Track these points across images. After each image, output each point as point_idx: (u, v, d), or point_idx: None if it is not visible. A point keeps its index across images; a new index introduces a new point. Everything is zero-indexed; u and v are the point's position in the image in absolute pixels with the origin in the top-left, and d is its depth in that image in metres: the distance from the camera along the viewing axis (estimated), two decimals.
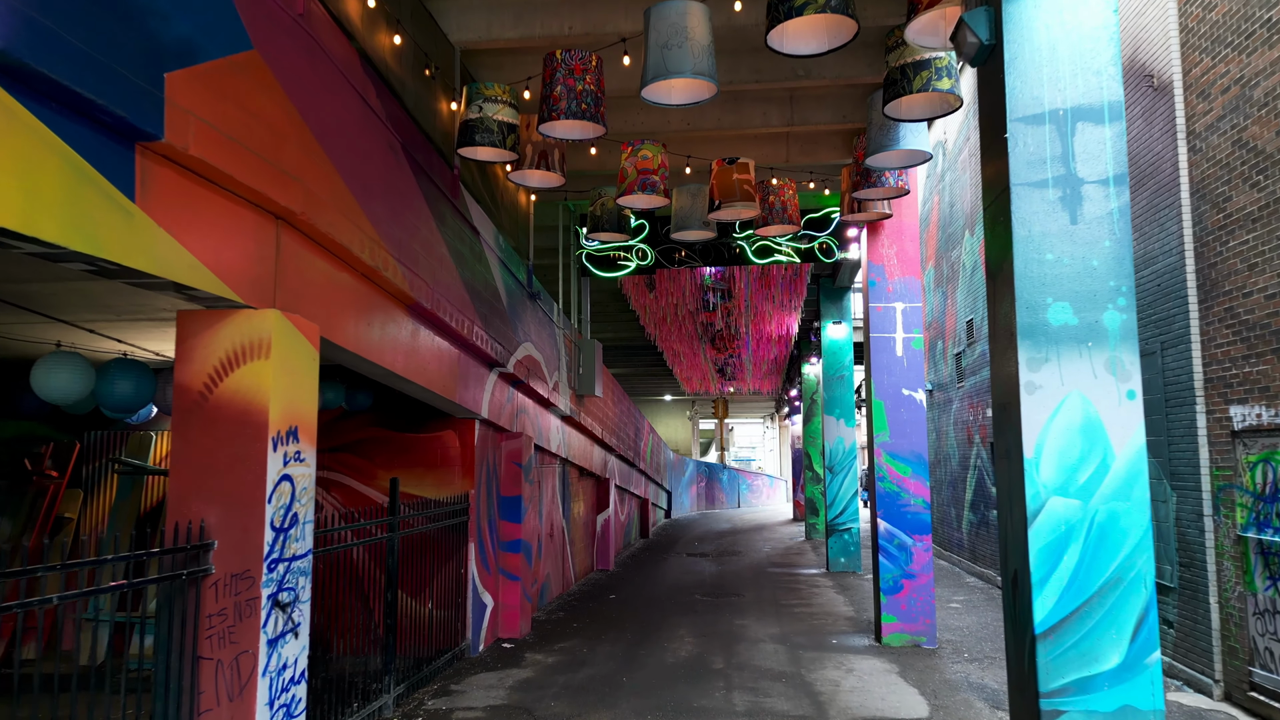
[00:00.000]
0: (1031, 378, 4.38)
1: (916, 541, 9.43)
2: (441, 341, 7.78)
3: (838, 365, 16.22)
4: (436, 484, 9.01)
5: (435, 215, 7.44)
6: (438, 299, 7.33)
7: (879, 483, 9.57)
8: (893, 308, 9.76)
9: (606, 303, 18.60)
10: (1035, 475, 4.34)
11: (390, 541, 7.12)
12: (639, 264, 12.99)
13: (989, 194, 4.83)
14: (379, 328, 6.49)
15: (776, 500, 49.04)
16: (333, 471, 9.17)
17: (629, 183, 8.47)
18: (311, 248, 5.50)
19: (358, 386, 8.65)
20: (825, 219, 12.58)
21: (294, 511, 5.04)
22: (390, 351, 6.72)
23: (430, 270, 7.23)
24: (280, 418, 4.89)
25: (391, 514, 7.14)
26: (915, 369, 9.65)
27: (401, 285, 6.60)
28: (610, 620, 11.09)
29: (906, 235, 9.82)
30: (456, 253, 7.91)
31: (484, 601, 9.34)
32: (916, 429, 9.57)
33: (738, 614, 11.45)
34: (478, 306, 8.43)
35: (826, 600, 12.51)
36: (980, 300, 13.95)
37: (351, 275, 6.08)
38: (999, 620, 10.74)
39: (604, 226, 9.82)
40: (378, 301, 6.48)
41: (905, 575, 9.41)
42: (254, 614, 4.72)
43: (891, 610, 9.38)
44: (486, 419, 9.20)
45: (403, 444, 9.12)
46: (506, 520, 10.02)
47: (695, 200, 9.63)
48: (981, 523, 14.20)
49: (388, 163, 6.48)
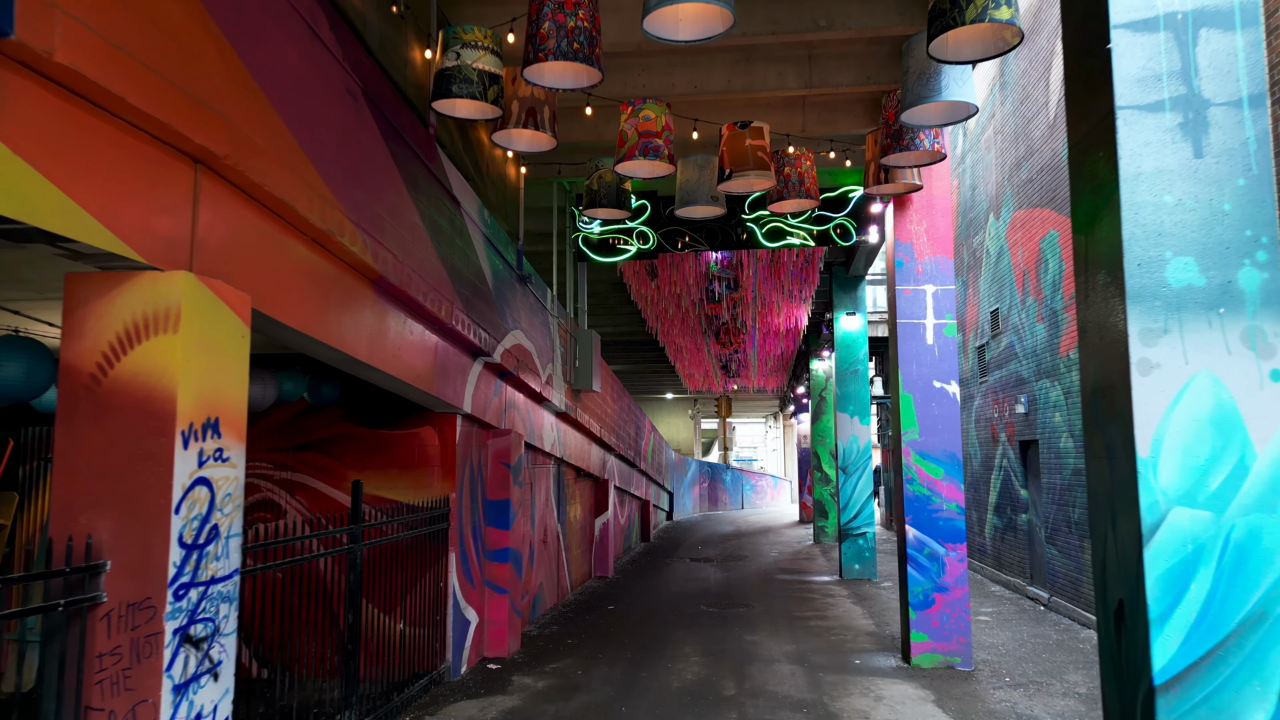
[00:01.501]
0: (1146, 353, 3.41)
1: (950, 551, 8.46)
2: (415, 325, 6.82)
3: (851, 359, 15.24)
4: (413, 486, 8.05)
5: (406, 179, 6.48)
6: (408, 274, 6.36)
7: (907, 485, 8.60)
8: (922, 290, 8.78)
9: (605, 293, 17.63)
10: (1152, 480, 3.36)
11: (351, 554, 6.15)
12: (640, 248, 12.02)
13: (1080, 125, 3.85)
14: (335, 305, 5.53)
15: (781, 501, 48.06)
16: (296, 472, 8.20)
17: (629, 147, 7.52)
18: (244, 203, 4.54)
19: (323, 377, 7.68)
20: (842, 198, 11.60)
21: (213, 523, 4.07)
22: (351, 334, 5.75)
23: (399, 241, 6.26)
24: (194, 406, 3.93)
25: (353, 522, 6.17)
26: (948, 359, 8.68)
27: (363, 256, 5.63)
28: (608, 635, 10.12)
29: (938, 210, 8.85)
30: (432, 224, 6.95)
31: (467, 618, 8.37)
32: (949, 426, 8.60)
33: (747, 628, 10.48)
34: (458, 287, 7.47)
35: (843, 612, 11.54)
36: (1005, 289, 12.99)
37: (300, 241, 5.11)
38: (1036, 635, 9.77)
39: (602, 202, 8.87)
40: (333, 274, 5.51)
41: (937, 588, 8.44)
42: (155, 653, 3.75)
43: (921, 627, 8.40)
44: (470, 414, 8.23)
45: (375, 442, 8.15)
46: (493, 527, 9.05)
47: (702, 172, 8.66)
48: (1008, 528, 13.22)
49: (345, 111, 5.51)
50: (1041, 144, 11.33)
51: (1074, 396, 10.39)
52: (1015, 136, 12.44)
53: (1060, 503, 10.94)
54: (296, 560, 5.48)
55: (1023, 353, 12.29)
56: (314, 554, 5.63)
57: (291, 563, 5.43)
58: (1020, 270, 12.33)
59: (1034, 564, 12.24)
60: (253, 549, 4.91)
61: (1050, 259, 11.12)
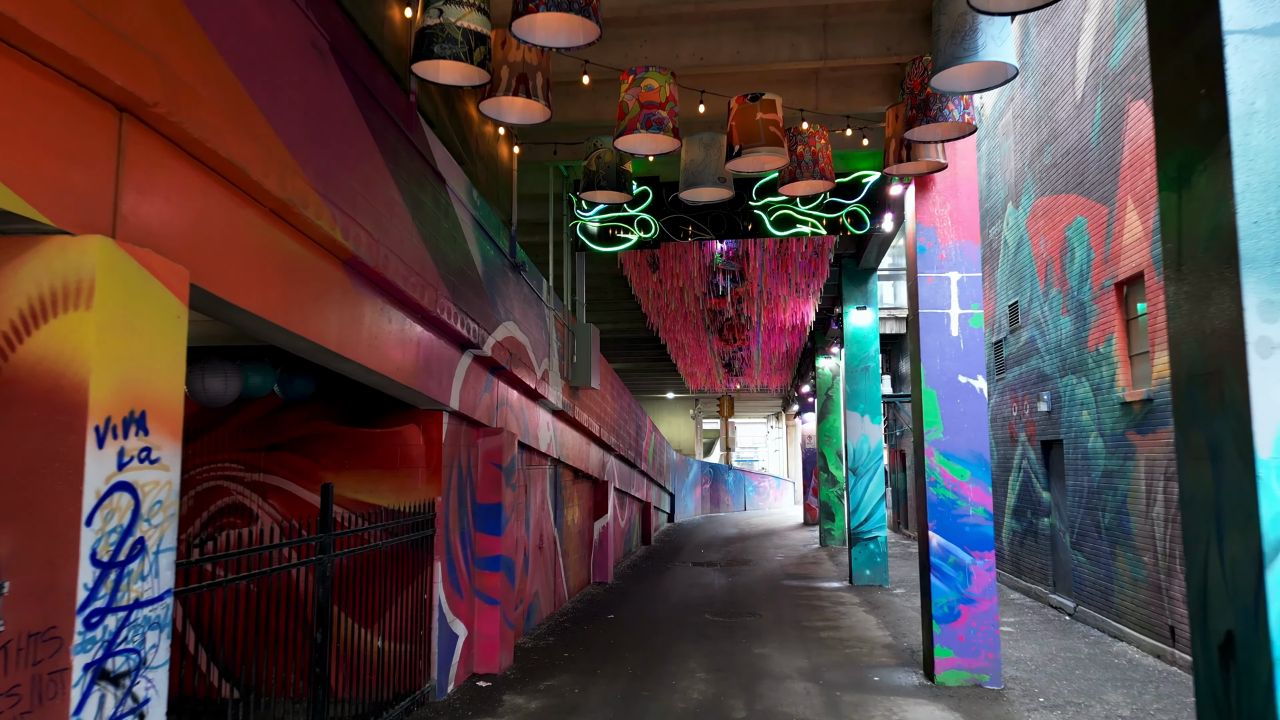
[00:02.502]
0: (1267, 331, 2.77)
1: (977, 559, 7.82)
2: (394, 312, 6.19)
3: (862, 355, 14.61)
4: (396, 489, 7.42)
5: (384, 150, 5.85)
6: (385, 255, 5.73)
7: (930, 488, 7.96)
8: (946, 278, 8.15)
9: (605, 287, 17.00)
10: (1276, 486, 2.73)
11: (320, 567, 5.51)
12: (641, 237, 11.39)
13: (1171, 59, 3.21)
14: (299, 286, 4.90)
15: (784, 503, 47.42)
16: (269, 474, 7.57)
17: (630, 119, 6.90)
18: (183, 162, 3.91)
19: (295, 369, 7.05)
20: (855, 184, 10.97)
21: (137, 537, 3.44)
22: (318, 320, 5.12)
23: (375, 218, 5.63)
24: (112, 397, 3.30)
25: (322, 529, 5.53)
26: (975, 352, 8.04)
27: (331, 232, 5.00)
28: (608, 648, 9.48)
29: (962, 191, 8.22)
30: (414, 201, 6.32)
31: (454, 631, 7.74)
32: (976, 423, 7.96)
33: (756, 639, 9.84)
34: (444, 272, 6.84)
35: (856, 622, 10.90)
36: (1025, 281, 12.35)
37: (256, 211, 4.48)
38: (1065, 649, 9.13)
39: (601, 184, 8.25)
40: (297, 252, 4.88)
41: (963, 600, 7.80)
42: (61, 694, 3.13)
43: (947, 642, 7.77)
44: (457, 411, 7.60)
45: (355, 441, 7.52)
46: (484, 533, 8.41)
47: (708, 151, 8.04)
48: (1028, 532, 12.58)
49: (310, 67, 4.88)
50: (1067, 126, 10.70)
51: (1104, 393, 9.76)
52: (1037, 120, 11.81)
53: (1088, 506, 10.30)
54: (255, 575, 4.85)
55: (1045, 348, 11.66)
56: (277, 566, 4.99)
57: (248, 577, 4.80)
58: (1042, 261, 11.69)
59: (1057, 571, 11.60)
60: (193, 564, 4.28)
61: (1077, 247, 10.49)
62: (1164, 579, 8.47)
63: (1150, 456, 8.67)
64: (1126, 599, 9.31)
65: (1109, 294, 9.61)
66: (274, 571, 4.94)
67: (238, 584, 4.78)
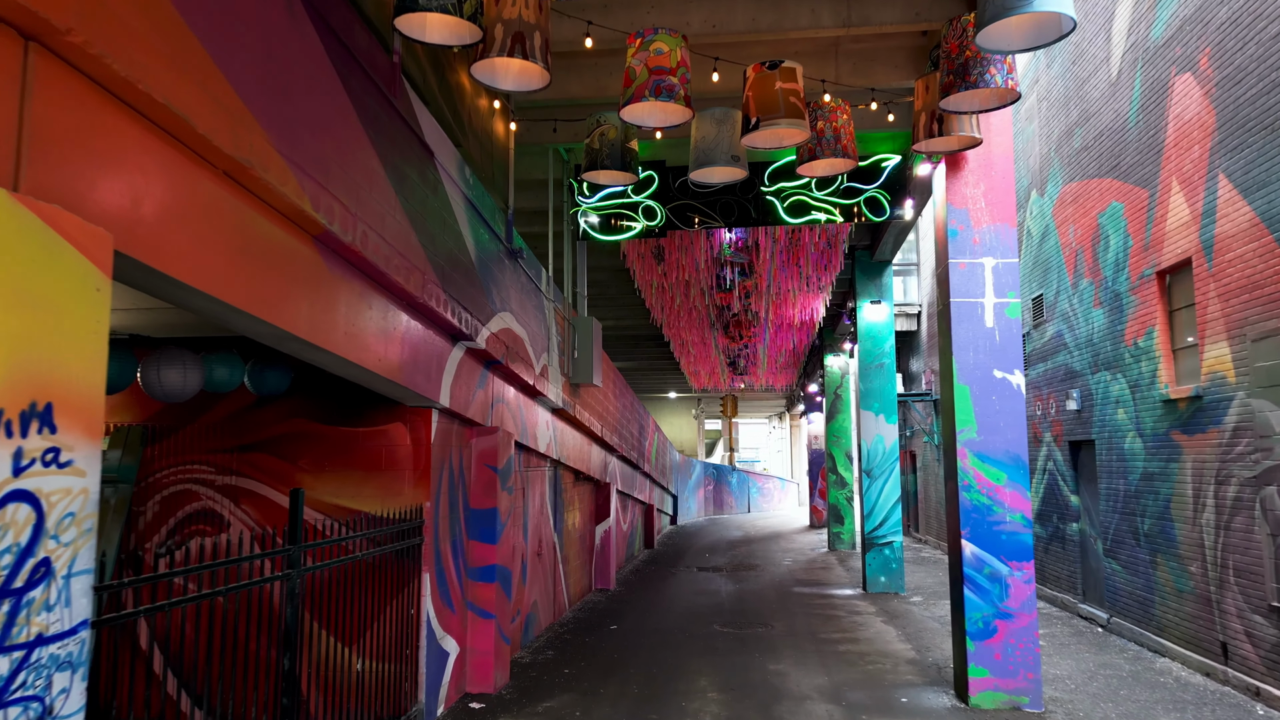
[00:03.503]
0: None
1: (1015, 570, 7.18)
2: (375, 297, 5.55)
3: (876, 352, 13.96)
4: (381, 494, 6.78)
5: (363, 115, 5.21)
6: (363, 231, 5.10)
7: (963, 493, 7.32)
8: (980, 264, 7.50)
9: (606, 282, 16.35)
10: None
11: (288, 583, 4.86)
12: (646, 225, 10.74)
13: None
14: (259, 263, 4.26)
15: (788, 504, 46.75)
16: (242, 477, 6.92)
17: (637, 86, 6.27)
18: (109, 106, 3.27)
19: (268, 362, 6.41)
20: (874, 168, 10.32)
21: (40, 557, 2.80)
22: (284, 303, 4.49)
23: (352, 189, 5.00)
24: (4, 386, 2.66)
25: (291, 540, 4.88)
26: (1011, 344, 7.40)
27: (298, 201, 4.37)
28: (611, 663, 8.84)
29: (997, 170, 7.57)
30: (398, 174, 5.68)
31: (444, 649, 7.10)
32: (1013, 422, 7.32)
33: (770, 654, 9.20)
34: (432, 255, 6.20)
35: (875, 634, 10.25)
36: (1052, 272, 11.71)
37: (205, 172, 3.84)
38: (1105, 665, 8.48)
39: (604, 163, 7.61)
40: (257, 223, 4.24)
41: (1000, 614, 7.15)
42: None
43: (982, 660, 7.12)
44: (448, 408, 6.97)
45: (335, 441, 6.88)
46: (477, 540, 7.77)
47: (721, 128, 7.39)
48: (1053, 537, 11.94)
49: (274, 13, 4.24)
50: (1101, 106, 10.05)
51: (1144, 390, 9.11)
52: (1065, 102, 11.17)
53: (1125, 511, 9.65)
54: (211, 595, 4.20)
55: (1074, 343, 11.01)
56: (234, 585, 4.34)
57: (202, 597, 4.15)
58: (1071, 250, 11.05)
59: (1087, 579, 10.96)
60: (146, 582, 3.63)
61: (1112, 235, 9.84)
62: (1215, 591, 7.82)
63: (1199, 458, 8.03)
64: (1169, 611, 8.66)
65: (1149, 284, 8.96)
66: (232, 590, 4.29)
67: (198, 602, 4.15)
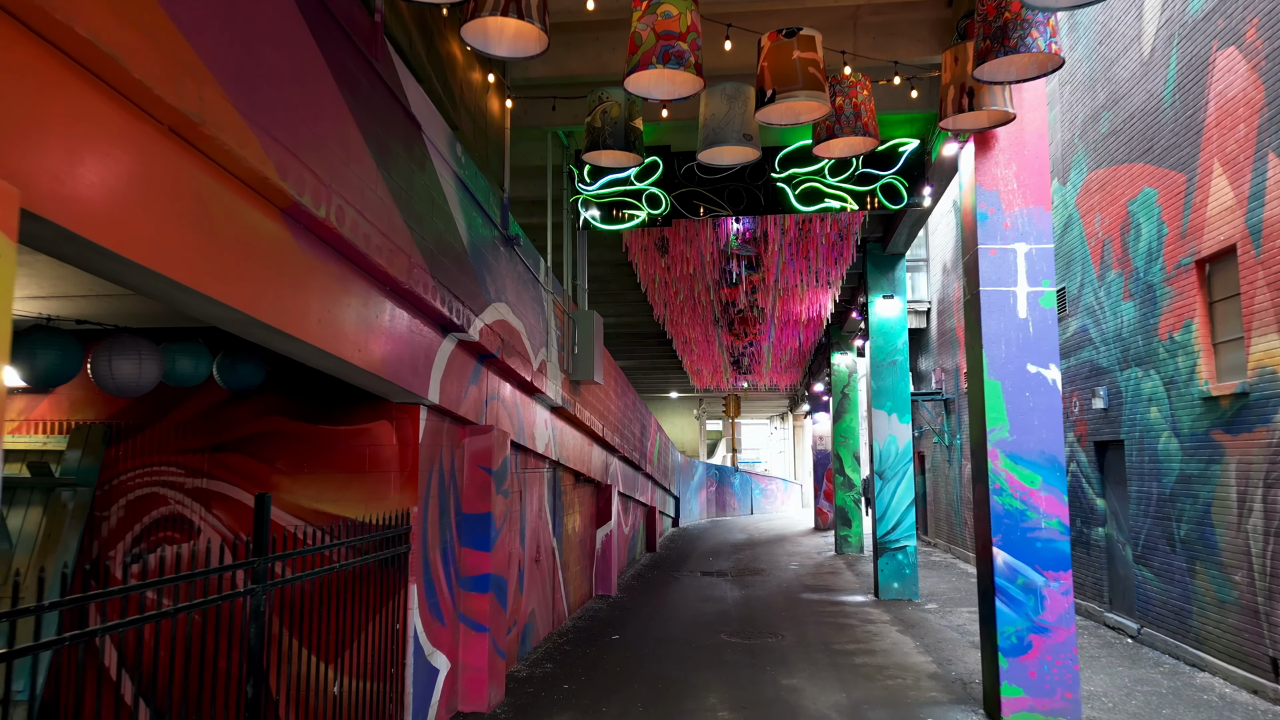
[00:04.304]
0: None
1: (1051, 581, 6.64)
2: (356, 281, 5.01)
3: (889, 349, 13.42)
4: (364, 497, 6.24)
5: (340, 79, 4.67)
6: (340, 206, 4.56)
7: (994, 497, 6.78)
8: (1011, 250, 6.97)
9: (608, 277, 15.83)
10: None
11: (253, 603, 4.32)
12: (650, 214, 10.21)
13: None
14: (214, 235, 3.72)
15: (791, 506, 46.17)
16: (214, 480, 6.39)
17: (643, 53, 5.74)
18: (19, 38, 2.74)
19: (240, 353, 5.87)
20: (891, 153, 9.79)
21: None
22: (246, 283, 3.95)
23: (326, 158, 4.46)
24: None
25: (256, 552, 4.34)
26: (1046, 336, 6.86)
27: (260, 167, 3.83)
28: (613, 677, 8.30)
29: (1030, 148, 7.04)
30: (380, 146, 5.14)
31: (433, 665, 6.56)
32: (1049, 420, 6.78)
33: (781, 667, 8.65)
34: (420, 238, 5.66)
35: (892, 644, 9.71)
36: (1075, 265, 11.17)
37: (146, 128, 3.31)
38: (1140, 680, 7.93)
39: (607, 143, 7.09)
40: (210, 188, 3.70)
41: (1034, 629, 6.61)
42: None
43: (1016, 678, 6.58)
44: (438, 405, 6.43)
45: (315, 440, 6.34)
46: (470, 547, 7.23)
47: (733, 104, 6.88)
48: (1077, 543, 11.39)
49: None
50: (1131, 87, 9.51)
51: (1180, 387, 8.57)
52: (1090, 84, 10.63)
53: (1159, 516, 9.10)
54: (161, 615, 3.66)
55: (1100, 338, 10.47)
56: (186, 605, 3.80)
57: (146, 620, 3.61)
58: (1097, 241, 10.51)
59: (1114, 587, 10.42)
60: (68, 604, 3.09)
61: (1143, 222, 9.30)
62: (1262, 602, 7.28)
63: (1244, 459, 7.49)
64: (1210, 623, 8.12)
65: (1187, 273, 8.42)
66: (182, 611, 3.75)
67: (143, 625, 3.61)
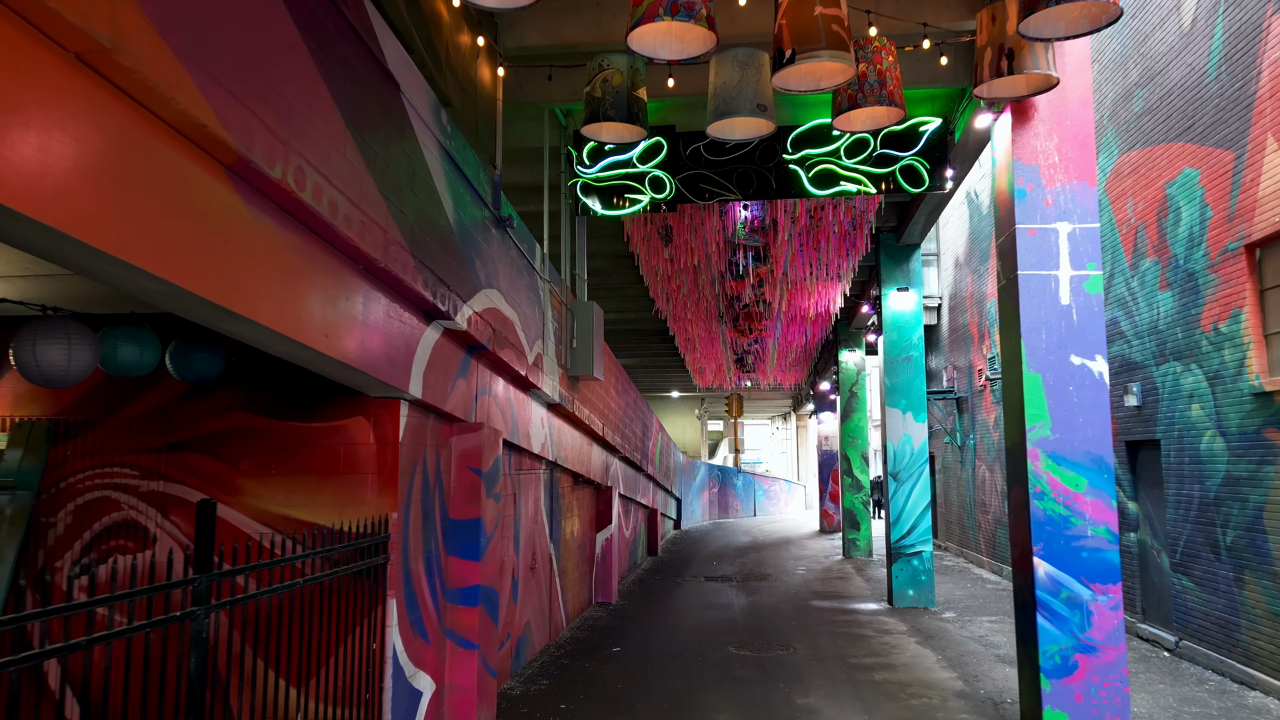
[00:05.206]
0: None
1: (1099, 594, 6.02)
2: (323, 256, 4.39)
3: (904, 344, 12.79)
4: (338, 502, 5.61)
5: (302, 22, 4.04)
6: (299, 167, 3.94)
7: (1034, 501, 6.15)
8: (1053, 230, 6.34)
9: (608, 270, 15.21)
10: None
11: (193, 628, 3.69)
12: (653, 198, 9.59)
13: None
14: (137, 191, 3.10)
15: (795, 507, 45.52)
16: (172, 482, 5.76)
17: (648, 5, 5.15)
18: None
19: (195, 341, 5.25)
20: (911, 133, 9.17)
21: None
22: (181, 252, 3.33)
23: (283, 110, 3.83)
24: None
25: (199, 568, 3.71)
26: (1091, 325, 6.24)
27: (192, 109, 3.20)
28: (614, 695, 7.68)
29: (1074, 118, 6.42)
30: (350, 103, 4.51)
31: (415, 688, 5.93)
32: (1095, 417, 6.16)
33: (796, 684, 8.03)
34: (398, 213, 5.04)
35: (912, 659, 9.08)
36: (1105, 254, 10.54)
37: (43, 54, 2.69)
38: (1188, 701, 7.30)
39: (608, 114, 6.49)
40: (133, 134, 3.08)
41: (1081, 648, 5.99)
42: None
43: (1060, 703, 5.96)
44: (421, 400, 5.80)
45: (284, 438, 5.71)
46: (458, 556, 6.61)
47: (746, 71, 6.27)
48: None
49: None
50: (1169, 62, 8.89)
51: (1227, 382, 7.94)
52: (1121, 61, 10.01)
53: (1200, 521, 8.48)
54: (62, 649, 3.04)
55: (1133, 331, 9.85)
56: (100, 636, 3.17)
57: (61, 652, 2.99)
58: (1129, 228, 9.88)
59: (1148, 596, 9.79)
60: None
61: (1184, 206, 8.67)
62: None
63: None
64: (1261, 637, 7.49)
65: (1235, 259, 7.80)
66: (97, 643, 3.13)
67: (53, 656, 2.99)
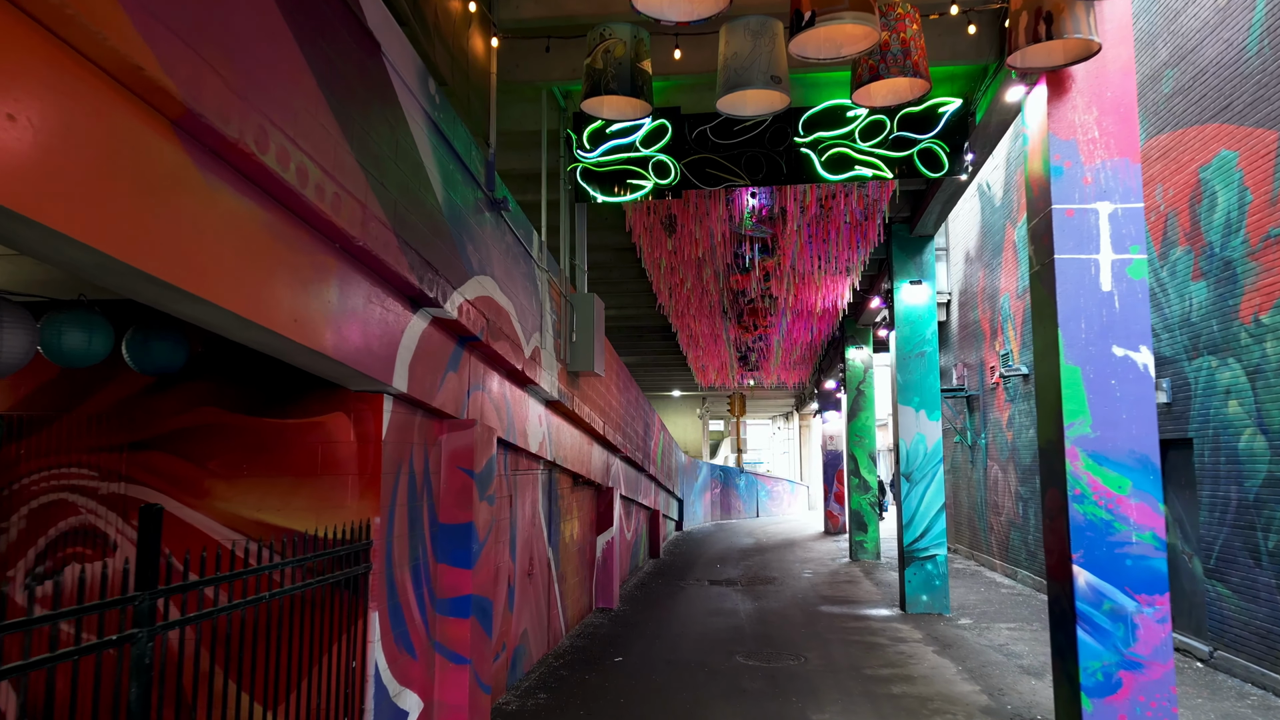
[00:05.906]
0: None
1: (1144, 606, 5.54)
2: (289, 231, 3.91)
3: (917, 339, 12.31)
4: (315, 505, 5.13)
5: None
6: (261, 126, 3.46)
7: (1073, 505, 5.67)
8: (1093, 211, 5.86)
9: (609, 264, 14.75)
10: None
11: (134, 653, 3.20)
12: (657, 184, 9.11)
13: None
14: (68, 147, 2.62)
15: (799, 508, 45.02)
16: (135, 484, 5.28)
17: None
18: None
19: (154, 328, 4.76)
20: (930, 115, 8.69)
21: None
22: (117, 219, 2.86)
23: (242, 63, 3.35)
24: None
25: (141, 585, 3.23)
26: (1135, 313, 5.76)
27: (125, 48, 2.72)
28: (617, 710, 7.20)
29: (1115, 88, 5.94)
30: (325, 61, 4.03)
31: (401, 707, 5.45)
32: (1140, 414, 5.68)
33: (810, 699, 7.55)
34: (379, 187, 4.56)
35: (930, 669, 8.60)
36: None
37: None
38: (1231, 716, 6.82)
39: (610, 87, 6.08)
40: (57, 75, 2.61)
41: (1125, 664, 5.51)
42: None
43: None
44: (406, 395, 5.32)
45: (258, 436, 5.23)
46: (447, 564, 6.13)
47: (759, 40, 5.85)
48: None
49: None
50: (1203, 39, 8.41)
51: (1268, 377, 7.46)
52: (1149, 41, 9.53)
53: (1239, 525, 8.00)
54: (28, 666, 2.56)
55: (1163, 324, 9.37)
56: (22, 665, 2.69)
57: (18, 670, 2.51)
58: (1159, 215, 9.41)
59: (1178, 603, 9.31)
60: None
61: (1220, 191, 8.19)
62: None
63: None
64: None
65: (1277, 245, 7.32)
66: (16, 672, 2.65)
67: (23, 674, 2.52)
